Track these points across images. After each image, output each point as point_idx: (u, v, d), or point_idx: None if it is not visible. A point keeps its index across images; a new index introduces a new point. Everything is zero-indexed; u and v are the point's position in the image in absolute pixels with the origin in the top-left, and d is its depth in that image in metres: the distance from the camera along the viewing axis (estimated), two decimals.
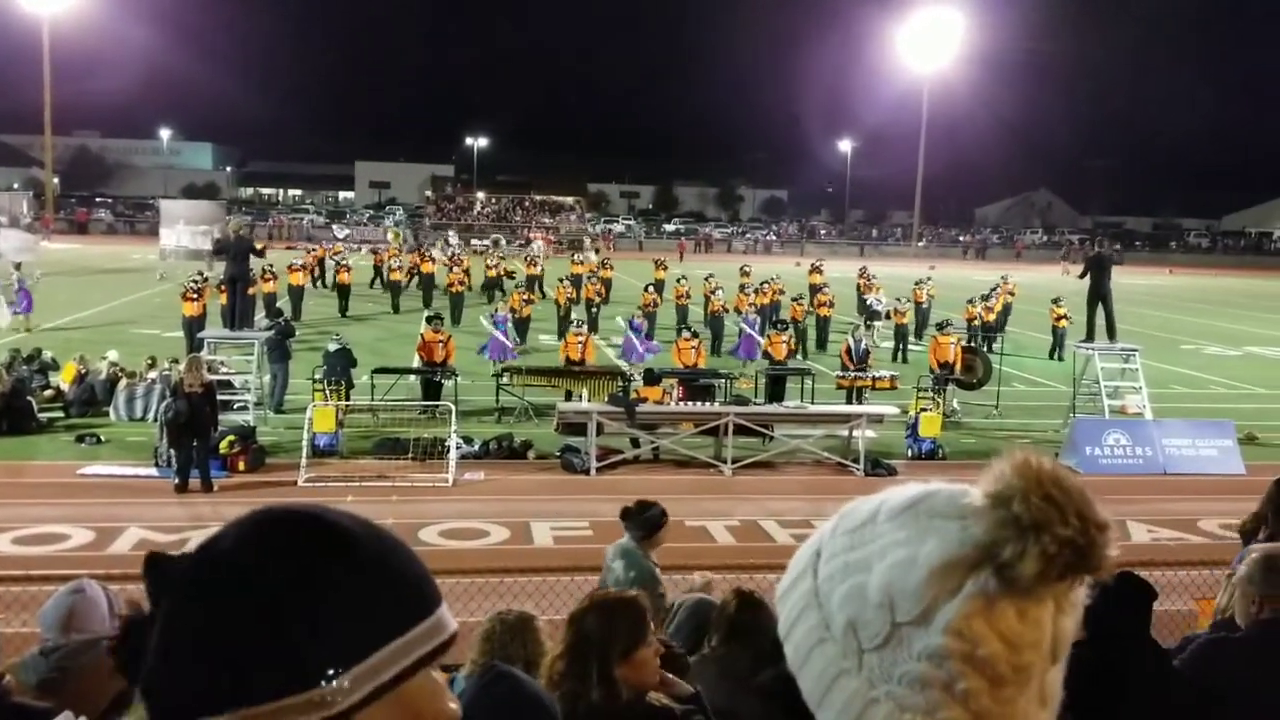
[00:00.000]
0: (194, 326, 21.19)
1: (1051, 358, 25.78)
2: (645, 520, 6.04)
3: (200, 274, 24.38)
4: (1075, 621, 0.91)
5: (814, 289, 30.06)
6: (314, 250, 39.76)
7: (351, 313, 30.54)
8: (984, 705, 0.87)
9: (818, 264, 35.51)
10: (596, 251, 42.44)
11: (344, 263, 32.60)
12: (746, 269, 34.28)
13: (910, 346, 26.47)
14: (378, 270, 37.62)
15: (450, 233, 65.58)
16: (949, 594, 0.87)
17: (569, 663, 3.24)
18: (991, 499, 0.88)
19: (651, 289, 29.05)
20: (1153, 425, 16.45)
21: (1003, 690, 0.87)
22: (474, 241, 59.84)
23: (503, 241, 47.35)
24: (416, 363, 18.34)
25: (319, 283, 36.00)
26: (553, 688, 3.13)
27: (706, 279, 29.11)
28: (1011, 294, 30.63)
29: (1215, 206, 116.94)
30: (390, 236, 47.39)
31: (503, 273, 36.20)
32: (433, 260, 35.90)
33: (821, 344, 25.25)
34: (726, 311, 26.62)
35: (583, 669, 3.20)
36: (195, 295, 22.01)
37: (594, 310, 28.96)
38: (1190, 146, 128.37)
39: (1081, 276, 18.46)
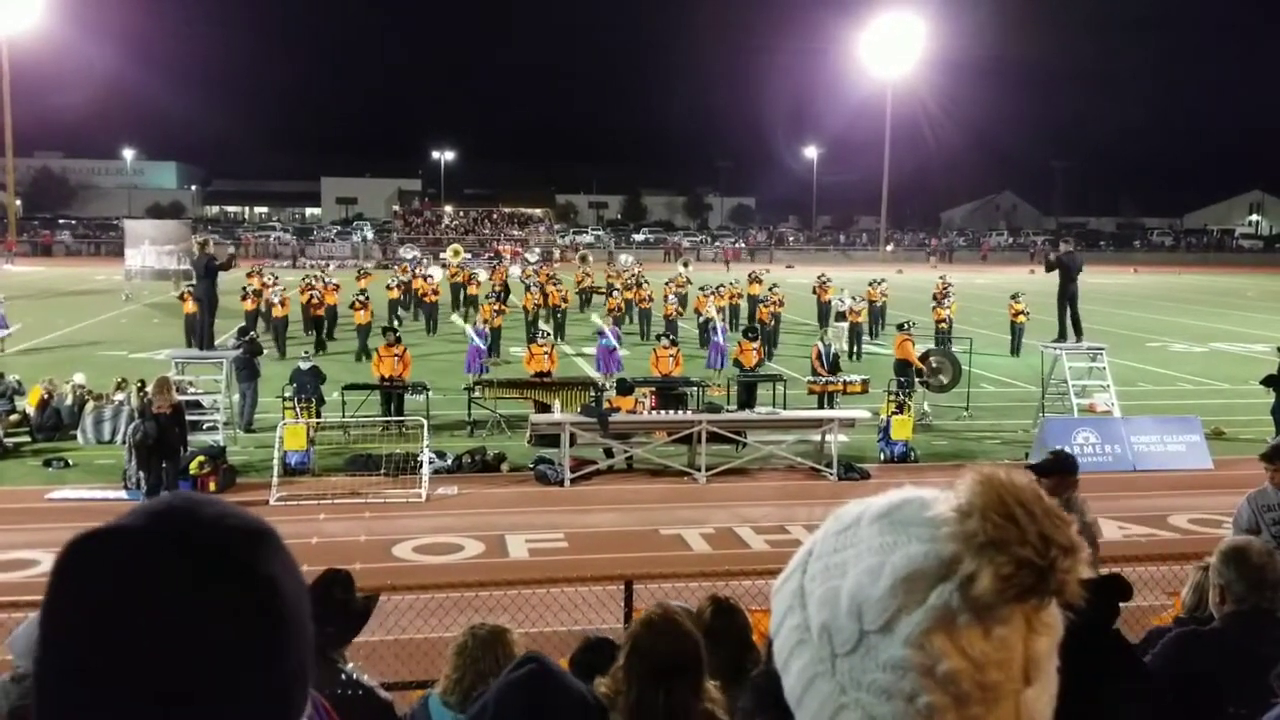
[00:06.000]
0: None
1: (1014, 354, 26.20)
2: None
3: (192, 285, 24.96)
4: (1052, 642, 0.89)
5: (754, 300, 30.18)
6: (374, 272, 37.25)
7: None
8: None
9: (755, 274, 34.93)
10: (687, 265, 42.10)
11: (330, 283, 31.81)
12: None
13: (868, 346, 27.30)
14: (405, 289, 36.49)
15: (530, 252, 65.31)
16: (913, 606, 0.86)
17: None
18: (958, 513, 0.87)
19: (616, 293, 29.68)
20: (1121, 423, 16.63)
21: (968, 709, 0.85)
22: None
23: (590, 257, 47.03)
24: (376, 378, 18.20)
25: (411, 307, 33.95)
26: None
27: (665, 284, 30.38)
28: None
29: (1177, 205, 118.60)
30: (450, 254, 46.80)
31: (593, 285, 35.83)
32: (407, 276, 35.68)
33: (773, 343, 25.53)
34: (681, 315, 27.33)
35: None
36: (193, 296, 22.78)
37: (559, 316, 29.23)
38: (1151, 146, 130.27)
39: (1048, 270, 18.65)
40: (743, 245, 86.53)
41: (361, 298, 26.76)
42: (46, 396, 16.81)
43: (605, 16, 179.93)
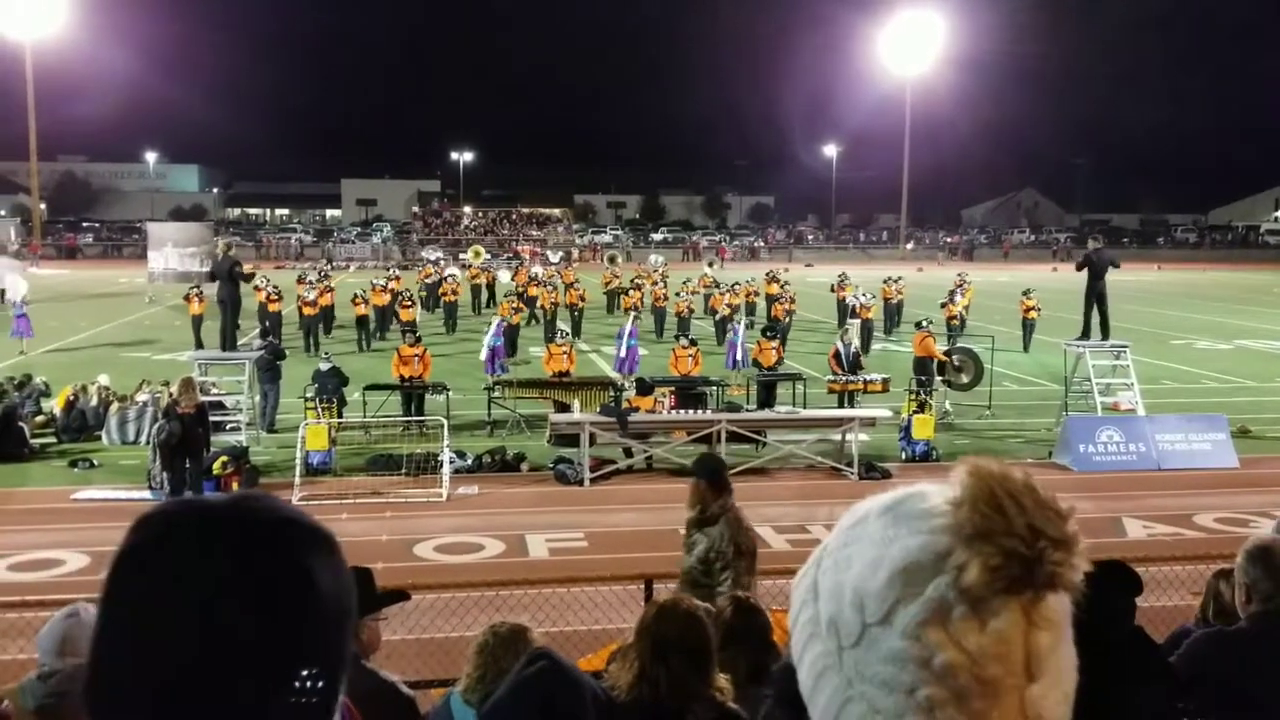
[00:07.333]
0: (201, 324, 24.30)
1: (1024, 350, 26.31)
2: None
3: (197, 286, 26.18)
4: (1054, 638, 0.87)
5: (771, 299, 30.22)
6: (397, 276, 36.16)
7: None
8: (950, 716, 0.85)
9: (773, 273, 35.00)
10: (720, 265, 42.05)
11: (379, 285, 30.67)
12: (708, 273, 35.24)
13: (884, 344, 27.47)
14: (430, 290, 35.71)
15: (549, 252, 65.72)
16: (910, 598, 0.86)
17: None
18: (951, 505, 0.88)
19: (633, 290, 30.12)
20: (1145, 421, 16.48)
21: (969, 703, 0.84)
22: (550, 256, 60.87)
23: (619, 258, 47.24)
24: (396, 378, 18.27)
25: (431, 306, 33.68)
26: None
27: (684, 283, 30.94)
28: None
29: (1202, 201, 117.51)
30: (470, 255, 47.18)
31: (620, 287, 35.73)
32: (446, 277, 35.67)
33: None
34: (692, 313, 27.81)
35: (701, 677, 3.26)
36: (199, 296, 24.88)
37: (576, 314, 29.43)
38: (1175, 142, 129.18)
39: (1079, 270, 18.53)
40: (761, 244, 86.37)
41: (409, 296, 27.72)
42: (73, 398, 16.98)
43: (623, 16, 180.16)
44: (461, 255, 55.74)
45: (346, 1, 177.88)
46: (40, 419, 16.93)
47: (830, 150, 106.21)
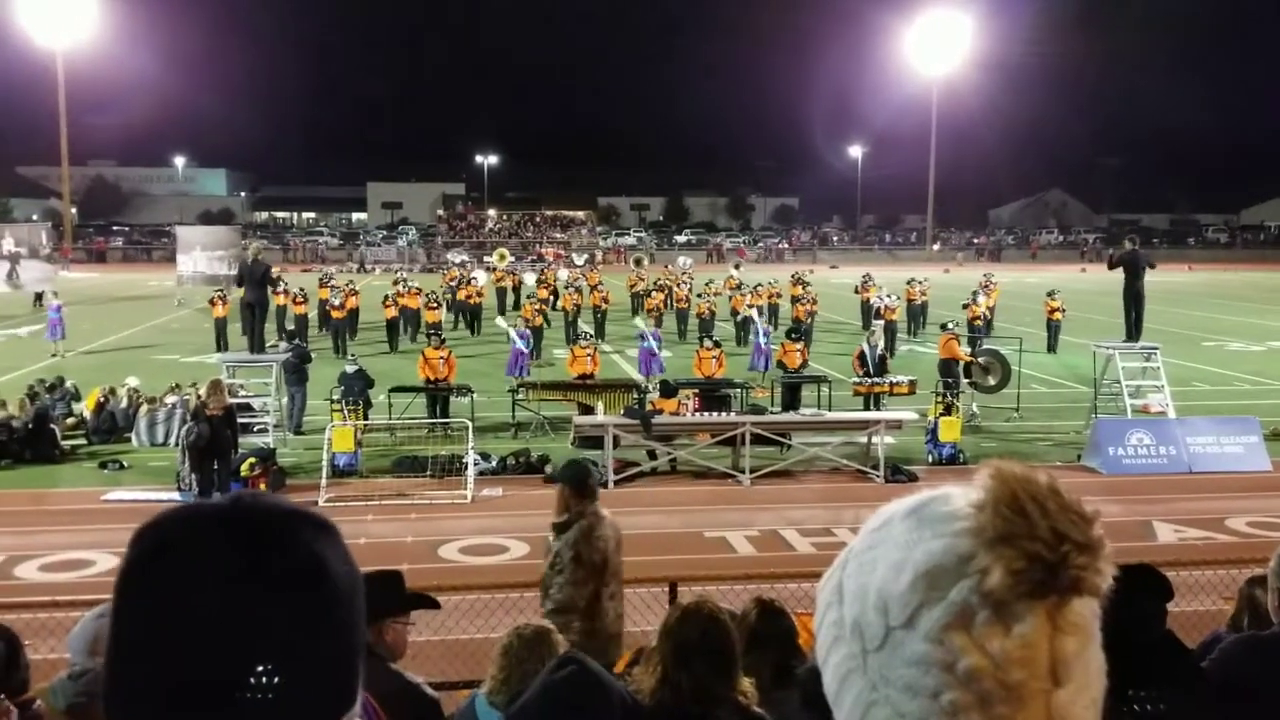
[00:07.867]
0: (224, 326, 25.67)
1: (1050, 351, 26.11)
2: None
3: (221, 290, 27.01)
4: (1081, 643, 0.86)
5: (794, 300, 30.17)
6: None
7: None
8: None
9: (798, 275, 34.83)
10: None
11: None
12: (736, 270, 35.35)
13: (909, 346, 27.51)
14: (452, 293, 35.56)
15: (574, 254, 66.05)
16: (934, 602, 0.85)
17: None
18: (974, 508, 0.87)
19: (656, 292, 30.24)
20: (1176, 424, 16.31)
21: (993, 708, 0.84)
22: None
23: (644, 261, 47.43)
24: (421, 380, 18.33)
25: (456, 310, 33.45)
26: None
27: (707, 284, 30.94)
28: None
29: (1233, 201, 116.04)
30: (495, 258, 47.30)
31: (645, 289, 35.32)
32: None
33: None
34: (714, 314, 28.29)
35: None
36: (223, 299, 26.07)
37: (599, 316, 29.48)
38: (1206, 141, 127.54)
39: (1111, 268, 18.39)
40: (786, 245, 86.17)
41: (435, 299, 28.15)
42: (103, 400, 17.17)
43: (646, 18, 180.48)
44: (486, 258, 55.90)
45: (372, 7, 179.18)
46: (71, 421, 17.13)
47: (855, 151, 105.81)
